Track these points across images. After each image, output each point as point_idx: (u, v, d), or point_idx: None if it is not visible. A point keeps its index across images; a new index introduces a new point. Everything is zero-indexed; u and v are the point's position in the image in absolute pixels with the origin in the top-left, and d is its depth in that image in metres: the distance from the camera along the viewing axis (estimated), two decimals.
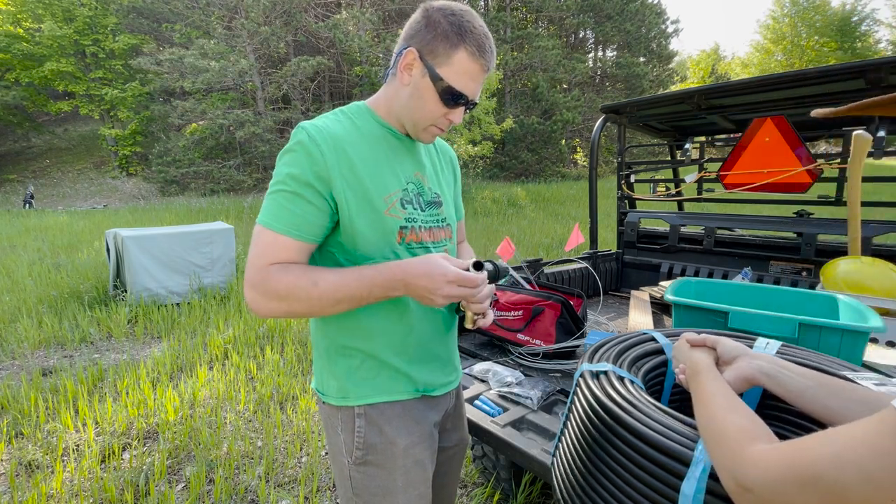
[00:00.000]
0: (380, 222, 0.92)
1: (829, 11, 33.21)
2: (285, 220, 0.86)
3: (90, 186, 21.42)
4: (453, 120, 0.95)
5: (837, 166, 2.32)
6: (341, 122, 0.94)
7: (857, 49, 32.57)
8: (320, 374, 1.03)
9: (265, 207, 0.88)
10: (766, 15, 36.72)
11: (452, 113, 0.93)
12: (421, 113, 0.92)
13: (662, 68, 30.31)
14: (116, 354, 3.86)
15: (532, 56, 23.00)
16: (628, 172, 3.20)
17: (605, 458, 0.73)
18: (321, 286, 0.84)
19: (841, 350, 1.12)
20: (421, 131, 0.96)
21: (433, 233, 1.03)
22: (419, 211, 0.99)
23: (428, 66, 0.88)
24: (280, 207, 0.86)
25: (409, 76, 0.91)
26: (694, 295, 1.57)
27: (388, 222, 0.93)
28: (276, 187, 0.87)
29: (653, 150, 18.64)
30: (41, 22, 20.82)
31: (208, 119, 19.66)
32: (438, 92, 0.89)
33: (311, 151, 0.86)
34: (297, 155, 0.87)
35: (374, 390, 0.97)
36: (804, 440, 0.46)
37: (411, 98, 0.91)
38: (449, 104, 0.91)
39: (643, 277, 3.03)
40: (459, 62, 0.87)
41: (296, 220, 0.86)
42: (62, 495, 2.12)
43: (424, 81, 0.89)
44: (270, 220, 0.86)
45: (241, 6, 19.84)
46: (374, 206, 0.91)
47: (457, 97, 0.90)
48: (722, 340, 0.78)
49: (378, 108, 0.99)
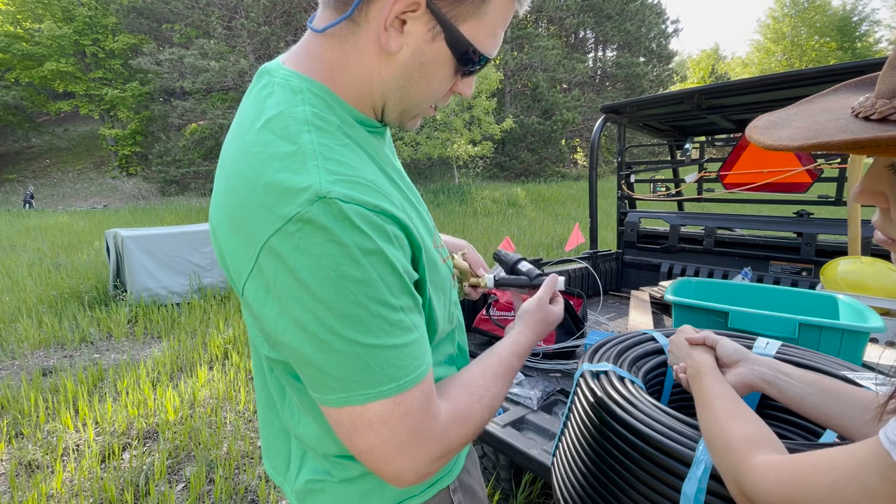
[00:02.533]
0: (439, 277, 0.65)
1: (829, 11, 33.23)
2: (414, 356, 0.51)
3: (90, 186, 21.43)
4: (463, 92, 0.63)
5: (837, 166, 2.32)
6: (347, 145, 0.55)
7: (857, 49, 32.60)
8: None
9: (357, 368, 0.48)
10: (767, 14, 36.70)
11: (464, 82, 0.62)
12: (422, 93, 0.59)
13: (662, 68, 30.32)
14: (116, 354, 3.86)
15: (532, 56, 23.02)
16: (628, 172, 3.20)
17: (606, 458, 0.73)
18: (487, 402, 0.61)
19: (841, 350, 1.12)
20: (412, 117, 0.64)
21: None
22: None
23: (445, 22, 0.53)
24: (395, 351, 0.49)
25: (400, 38, 0.54)
26: (694, 295, 1.57)
27: (446, 272, 0.68)
28: (367, 329, 0.48)
29: (653, 150, 18.64)
30: (41, 22, 20.83)
31: (208, 119, 19.68)
32: (459, 59, 0.57)
33: (387, 231, 0.50)
34: (372, 252, 0.48)
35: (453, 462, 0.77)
36: (804, 464, 0.46)
37: (407, 74, 0.57)
38: (469, 70, 0.60)
39: (643, 277, 3.03)
40: (497, 9, 0.56)
41: (423, 343, 0.54)
42: (62, 495, 2.12)
43: (434, 48, 0.55)
44: (397, 380, 0.49)
45: (241, 6, 19.85)
46: (435, 261, 0.63)
47: (482, 60, 0.59)
48: (722, 341, 0.77)
49: (343, 90, 0.58)
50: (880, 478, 0.39)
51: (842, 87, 0.48)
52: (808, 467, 0.45)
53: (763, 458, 0.50)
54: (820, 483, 0.43)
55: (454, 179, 19.01)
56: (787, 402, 0.67)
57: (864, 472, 0.40)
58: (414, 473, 0.52)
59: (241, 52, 19.90)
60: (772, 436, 0.54)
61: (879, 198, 0.45)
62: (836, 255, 2.19)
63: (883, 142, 0.35)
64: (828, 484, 0.42)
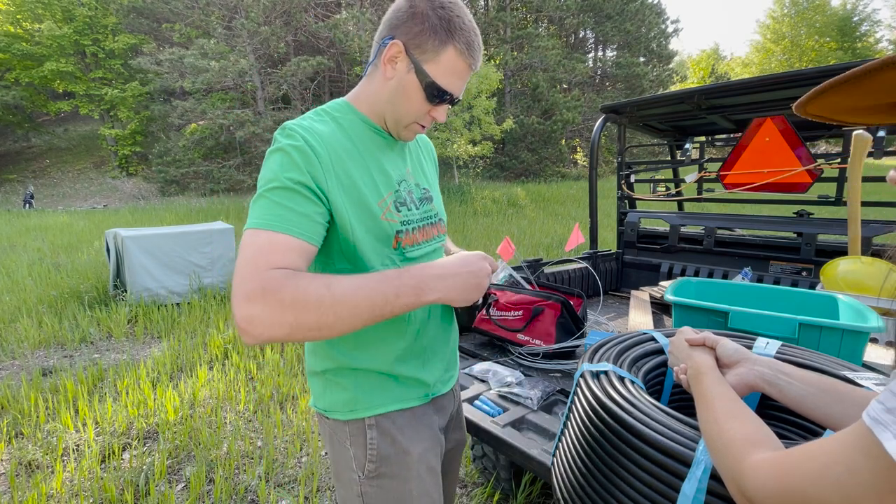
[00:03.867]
0: (377, 228, 0.86)
1: (829, 11, 33.22)
2: (284, 217, 0.74)
3: (90, 186, 21.43)
4: (437, 118, 0.91)
5: (837, 166, 2.32)
6: (326, 122, 0.87)
7: (857, 49, 32.60)
8: (322, 391, 0.96)
9: (255, 211, 0.75)
10: (766, 15, 36.71)
11: (437, 110, 0.89)
12: (405, 109, 0.87)
13: (662, 68, 30.31)
14: (116, 354, 3.86)
15: (532, 56, 23.02)
16: (628, 172, 3.20)
17: (606, 458, 0.73)
18: (335, 290, 0.70)
19: (841, 350, 1.12)
20: (402, 129, 0.91)
21: (426, 231, 0.98)
22: (415, 209, 0.95)
23: (414, 61, 0.83)
24: (275, 206, 0.74)
25: (392, 70, 0.85)
26: (694, 295, 1.57)
27: (385, 228, 0.87)
28: (268, 185, 0.76)
29: (653, 150, 18.64)
30: (41, 22, 20.83)
31: (208, 119, 19.67)
32: (424, 89, 0.84)
33: (304, 152, 0.78)
34: (288, 155, 0.77)
35: (385, 399, 0.93)
36: (797, 453, 0.47)
37: (395, 94, 0.86)
38: (434, 102, 0.87)
39: (643, 277, 3.03)
40: (448, 60, 0.83)
41: (296, 217, 0.75)
42: (62, 495, 2.12)
43: (410, 77, 0.84)
44: (265, 221, 0.73)
45: (241, 6, 19.85)
46: (372, 212, 0.85)
47: (442, 95, 0.85)
48: (722, 342, 0.77)
49: (360, 104, 0.91)
50: (864, 455, 0.39)
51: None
52: (801, 455, 0.46)
53: (761, 456, 0.50)
54: (811, 469, 0.44)
55: (454, 179, 19.01)
56: (787, 402, 0.67)
57: (850, 451, 0.41)
58: (240, 300, 0.68)
59: (241, 52, 19.88)
60: (771, 435, 0.54)
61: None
62: (836, 255, 2.19)
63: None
64: (818, 469, 0.43)
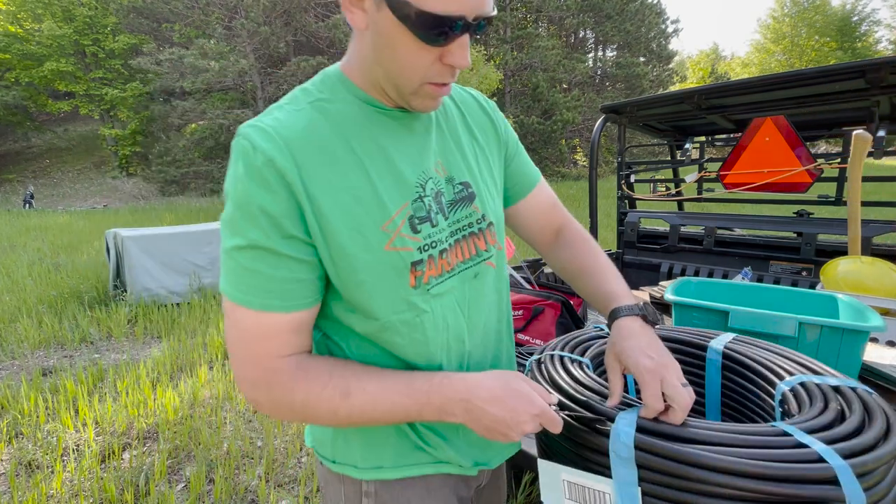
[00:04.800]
0: (378, 264, 0.61)
1: (829, 11, 33.23)
2: (262, 289, 0.58)
3: (90, 186, 21.43)
4: (455, 62, 0.58)
5: (837, 166, 2.32)
6: (302, 109, 0.62)
7: (857, 49, 32.60)
8: (314, 426, 0.78)
9: (227, 274, 0.60)
10: (767, 14, 36.74)
11: (449, 52, 0.57)
12: (397, 66, 0.58)
13: (662, 68, 30.32)
14: (116, 354, 3.86)
15: (532, 56, 23.02)
16: (628, 172, 3.20)
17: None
18: (353, 400, 0.60)
19: (841, 349, 1.12)
20: (410, 96, 0.61)
21: (463, 247, 0.70)
22: (442, 220, 0.67)
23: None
24: (247, 273, 0.58)
25: (362, 13, 0.57)
26: (694, 295, 1.56)
27: (392, 262, 0.62)
28: (229, 238, 0.59)
29: (653, 150, 18.64)
30: (41, 22, 20.82)
31: (208, 119, 19.68)
32: (410, 25, 0.53)
33: (261, 174, 0.56)
34: (242, 183, 0.57)
35: (389, 461, 0.70)
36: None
37: (378, 48, 0.58)
38: (437, 40, 0.54)
39: (643, 277, 3.03)
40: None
41: (277, 286, 0.58)
42: (62, 495, 2.12)
43: (384, 15, 0.54)
44: (242, 295, 0.58)
45: (241, 6, 19.85)
46: (369, 242, 0.61)
47: (443, 23, 0.53)
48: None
49: (352, 72, 0.65)
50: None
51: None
52: None
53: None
54: None
55: None
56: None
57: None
58: (243, 382, 0.61)
59: (241, 52, 19.89)
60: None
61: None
62: (836, 255, 2.19)
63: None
64: None
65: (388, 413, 0.61)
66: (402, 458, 0.71)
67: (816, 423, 0.61)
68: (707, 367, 0.92)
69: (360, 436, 0.71)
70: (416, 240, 0.64)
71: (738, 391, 0.88)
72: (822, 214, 2.49)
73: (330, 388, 0.60)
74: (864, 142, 1.89)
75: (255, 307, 0.58)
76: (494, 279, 0.77)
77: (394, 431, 0.70)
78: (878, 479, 0.55)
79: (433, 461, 0.72)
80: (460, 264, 0.69)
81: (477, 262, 0.72)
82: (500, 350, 0.80)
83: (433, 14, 0.52)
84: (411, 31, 0.54)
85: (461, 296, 0.70)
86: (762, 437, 0.58)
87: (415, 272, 0.63)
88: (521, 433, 0.60)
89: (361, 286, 0.62)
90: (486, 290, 0.74)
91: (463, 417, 0.61)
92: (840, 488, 0.51)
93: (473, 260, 0.71)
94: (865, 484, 0.53)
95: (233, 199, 0.58)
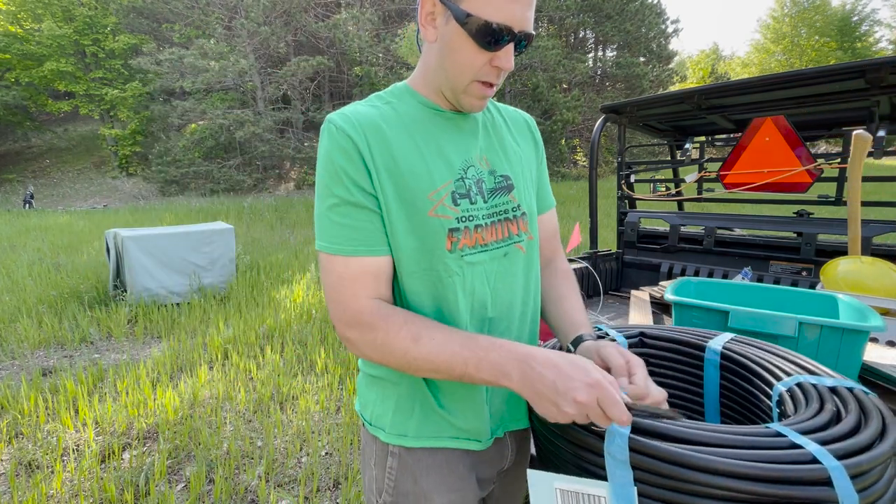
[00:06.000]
0: (422, 226, 0.74)
1: (829, 11, 33.21)
2: (349, 238, 0.73)
3: (90, 186, 21.44)
4: (502, 65, 0.73)
5: (837, 166, 2.32)
6: (376, 106, 0.79)
7: (857, 49, 32.57)
8: (361, 392, 0.90)
9: (320, 229, 0.75)
10: (767, 14, 36.74)
11: (498, 56, 0.72)
12: (458, 68, 0.73)
13: (662, 68, 30.29)
14: (116, 354, 3.86)
15: (532, 56, 23.00)
16: (628, 172, 3.20)
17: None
18: (422, 345, 0.69)
19: (841, 349, 1.12)
20: (462, 94, 0.76)
21: (498, 229, 0.82)
22: (481, 202, 0.80)
23: (450, 5, 0.69)
24: (336, 226, 0.73)
25: (433, 29, 0.74)
26: (694, 295, 1.56)
27: (432, 225, 0.75)
28: (324, 201, 0.74)
29: (653, 150, 18.63)
30: (41, 22, 20.83)
31: (208, 119, 19.69)
32: (471, 33, 0.69)
33: (342, 145, 0.72)
34: (329, 153, 0.74)
35: (412, 431, 0.81)
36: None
37: (443, 54, 0.73)
38: (489, 45, 0.70)
39: (643, 277, 3.03)
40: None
41: (360, 235, 0.73)
42: (62, 495, 2.12)
43: (451, 27, 0.70)
44: (333, 244, 0.73)
45: (241, 6, 19.86)
46: (417, 207, 0.74)
47: (496, 33, 0.69)
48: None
49: (417, 84, 0.82)
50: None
51: None
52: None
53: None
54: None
55: None
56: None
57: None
58: (338, 322, 0.74)
59: (241, 52, 19.89)
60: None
61: None
62: (836, 255, 2.19)
63: None
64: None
65: (448, 362, 0.68)
66: (424, 429, 0.81)
67: (812, 423, 0.61)
68: (706, 367, 0.92)
69: (392, 403, 0.82)
70: (455, 210, 0.76)
71: (736, 392, 0.88)
72: (822, 214, 2.49)
73: (404, 332, 0.70)
74: (864, 142, 1.89)
75: (346, 253, 0.72)
76: (524, 263, 0.86)
77: (419, 405, 0.81)
78: (873, 479, 0.55)
79: (452, 436, 0.81)
80: (493, 243, 0.81)
81: (508, 244, 0.83)
82: (524, 328, 0.88)
83: (490, 24, 0.68)
84: (472, 39, 0.70)
85: (490, 269, 0.80)
86: (756, 438, 0.58)
87: (451, 237, 0.75)
88: (573, 404, 0.59)
89: (404, 243, 0.75)
90: (514, 270, 0.84)
91: (518, 379, 0.64)
92: (833, 489, 0.51)
93: (505, 241, 0.82)
94: (860, 485, 0.53)
95: (323, 167, 0.74)
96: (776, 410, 0.74)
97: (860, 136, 1.89)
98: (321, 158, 0.75)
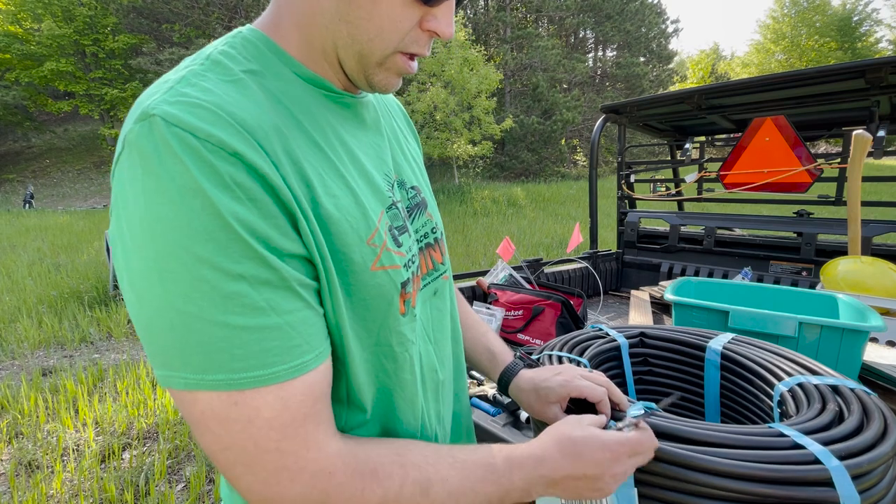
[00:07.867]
0: (364, 288, 0.47)
1: (829, 11, 33.23)
2: (278, 348, 0.40)
3: (90, 186, 21.44)
4: (439, 29, 0.48)
5: (837, 166, 2.32)
6: (242, 83, 0.43)
7: (857, 49, 32.59)
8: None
9: (200, 346, 0.37)
10: (767, 15, 36.73)
11: (433, 15, 0.47)
12: (373, 26, 0.45)
13: (662, 68, 30.31)
14: (116, 354, 3.86)
15: (532, 56, 23.01)
16: (628, 172, 3.20)
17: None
18: (434, 495, 0.45)
19: (841, 349, 1.12)
20: (375, 67, 0.49)
21: (426, 259, 0.60)
22: (409, 231, 0.56)
23: None
24: (242, 333, 0.38)
25: None
26: (694, 295, 1.57)
27: (378, 284, 0.48)
28: (198, 298, 0.37)
29: (653, 150, 18.64)
30: (41, 22, 20.83)
31: None
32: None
33: (228, 174, 0.38)
34: (195, 194, 0.37)
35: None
36: None
37: (349, 3, 0.44)
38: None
39: (643, 277, 3.03)
40: None
41: (296, 335, 0.41)
42: (62, 495, 2.12)
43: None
44: (245, 370, 0.38)
45: (241, 6, 19.87)
46: (354, 262, 0.46)
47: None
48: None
49: (285, 40, 0.48)
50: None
51: None
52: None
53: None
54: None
55: (454, 179, 19.01)
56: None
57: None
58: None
59: None
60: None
61: None
62: (836, 255, 2.19)
63: None
64: None
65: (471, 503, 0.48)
66: None
67: (814, 424, 0.61)
68: (706, 367, 0.92)
69: None
70: (401, 255, 0.51)
71: (736, 392, 0.88)
72: (822, 214, 2.49)
73: (409, 485, 0.44)
74: (864, 142, 1.89)
75: (283, 377, 0.39)
76: (450, 296, 0.67)
77: None
78: (875, 480, 0.55)
79: None
80: (422, 280, 0.58)
81: (435, 277, 0.62)
82: (462, 381, 0.71)
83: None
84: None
85: (425, 317, 0.58)
86: (758, 438, 0.58)
87: (404, 295, 0.51)
88: (614, 480, 0.51)
89: (342, 324, 0.46)
90: (443, 308, 0.64)
91: (545, 491, 0.51)
92: (835, 490, 0.51)
93: (431, 275, 0.61)
94: (862, 485, 0.53)
95: (185, 225, 0.36)
96: (777, 411, 0.74)
97: (860, 136, 1.89)
98: (166, 207, 0.36)
